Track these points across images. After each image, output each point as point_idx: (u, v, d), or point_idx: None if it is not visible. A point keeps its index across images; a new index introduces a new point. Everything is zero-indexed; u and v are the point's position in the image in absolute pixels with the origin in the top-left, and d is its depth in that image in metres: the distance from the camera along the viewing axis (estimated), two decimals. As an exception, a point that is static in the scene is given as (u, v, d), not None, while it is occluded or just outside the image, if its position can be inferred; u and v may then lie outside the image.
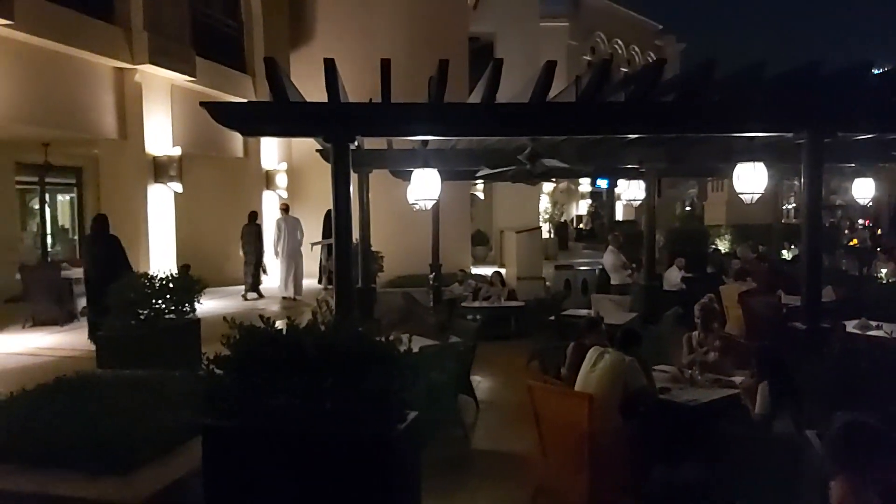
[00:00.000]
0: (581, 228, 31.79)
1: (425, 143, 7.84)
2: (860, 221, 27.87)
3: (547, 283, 13.23)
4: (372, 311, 8.87)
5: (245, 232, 12.92)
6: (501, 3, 19.88)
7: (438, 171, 7.08)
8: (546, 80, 5.17)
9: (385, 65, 5.17)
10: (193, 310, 6.85)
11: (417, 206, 7.20)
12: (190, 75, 11.81)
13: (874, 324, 6.76)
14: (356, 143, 5.64)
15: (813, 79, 5.37)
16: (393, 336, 3.55)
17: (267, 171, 15.29)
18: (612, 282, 10.96)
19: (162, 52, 11.08)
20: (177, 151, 11.64)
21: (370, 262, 10.03)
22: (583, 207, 35.20)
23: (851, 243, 17.79)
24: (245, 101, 12.40)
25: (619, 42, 34.29)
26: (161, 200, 11.60)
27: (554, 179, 21.18)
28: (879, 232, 21.40)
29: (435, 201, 7.39)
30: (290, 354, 3.20)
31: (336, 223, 5.27)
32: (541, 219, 23.57)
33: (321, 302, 3.91)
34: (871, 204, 19.88)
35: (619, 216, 32.59)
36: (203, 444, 3.25)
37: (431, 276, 11.47)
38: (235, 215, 13.35)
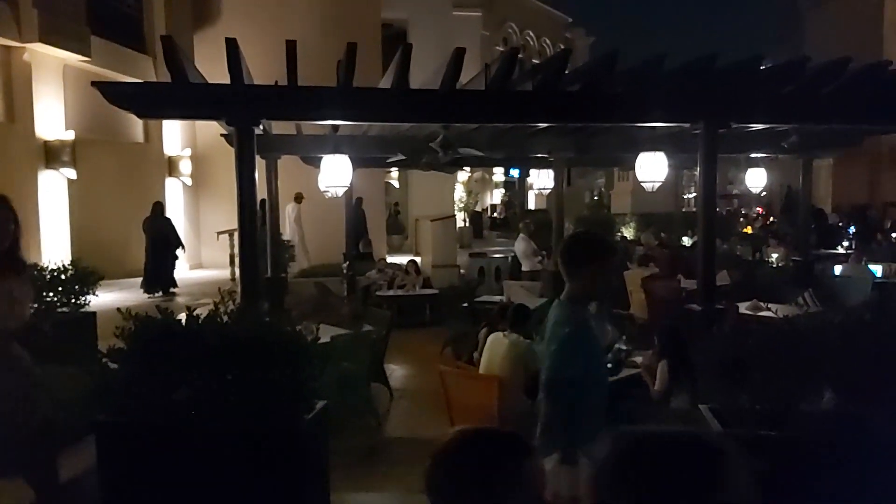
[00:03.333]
0: (495, 217, 32.16)
1: (336, 128, 7.71)
2: (756, 209, 29.55)
3: (461, 271, 13.34)
4: (283, 302, 8.67)
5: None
6: (415, -11, 19.77)
7: (350, 157, 7.00)
8: (455, 67, 5.17)
9: (290, 46, 5.04)
10: (87, 303, 6.49)
11: (329, 194, 7.09)
12: (84, 55, 11.12)
13: (764, 305, 7.18)
14: (262, 128, 5.45)
15: (708, 71, 5.60)
16: (301, 325, 3.48)
17: (170, 158, 14.62)
18: (524, 268, 11.18)
19: (53, 31, 10.38)
20: (70, 135, 10.97)
21: (280, 252, 9.81)
22: (497, 197, 35.66)
23: (745, 230, 18.86)
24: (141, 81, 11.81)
25: (531, 34, 34.81)
26: (53, 187, 10.93)
27: (468, 168, 21.35)
28: (772, 220, 22.81)
29: (347, 188, 7.30)
30: (189, 346, 3.08)
31: (240, 211, 5.10)
32: (456, 208, 23.72)
33: (224, 293, 3.77)
34: (764, 193, 21.21)
35: (531, 205, 33.19)
36: (96, 441, 3.09)
37: (345, 265, 11.34)
38: (136, 203, 12.70)
